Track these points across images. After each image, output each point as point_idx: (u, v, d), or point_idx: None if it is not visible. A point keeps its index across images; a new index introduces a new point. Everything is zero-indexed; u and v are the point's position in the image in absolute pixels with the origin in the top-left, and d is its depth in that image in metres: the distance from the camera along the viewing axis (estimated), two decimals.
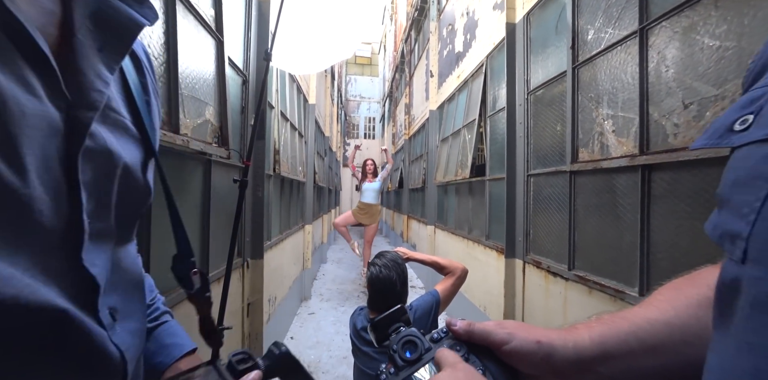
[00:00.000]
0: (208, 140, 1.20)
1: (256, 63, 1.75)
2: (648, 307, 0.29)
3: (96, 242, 0.23)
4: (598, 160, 1.30)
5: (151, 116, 0.31)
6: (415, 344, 0.29)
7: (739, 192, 0.18)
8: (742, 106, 0.21)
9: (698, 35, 0.95)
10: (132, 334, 0.26)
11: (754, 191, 0.17)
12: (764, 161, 0.17)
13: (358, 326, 1.10)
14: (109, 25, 0.24)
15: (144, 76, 0.32)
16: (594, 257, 1.34)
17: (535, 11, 1.82)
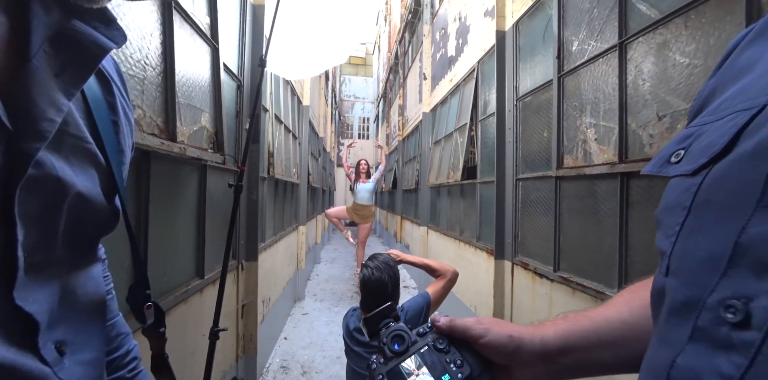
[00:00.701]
0: (204, 146, 1.22)
1: (250, 67, 1.77)
2: (608, 307, 0.34)
3: (36, 276, 0.22)
4: (581, 166, 1.36)
5: (119, 137, 0.31)
6: (403, 338, 0.33)
7: (666, 216, 0.23)
8: (678, 141, 0.24)
9: (670, 52, 1.01)
10: (85, 365, 0.25)
11: (675, 217, 0.21)
12: (684, 192, 0.21)
13: (351, 327, 1.14)
14: (70, 49, 0.23)
15: (113, 95, 0.31)
16: (577, 260, 1.40)
17: (524, 20, 1.88)
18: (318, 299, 3.67)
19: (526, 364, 0.31)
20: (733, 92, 0.22)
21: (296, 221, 3.56)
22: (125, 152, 0.32)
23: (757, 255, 0.15)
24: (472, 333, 0.32)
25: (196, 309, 1.21)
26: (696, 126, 0.23)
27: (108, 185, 0.28)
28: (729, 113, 0.20)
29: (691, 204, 0.20)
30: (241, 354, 1.71)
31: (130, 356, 0.37)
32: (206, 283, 1.28)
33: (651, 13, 1.09)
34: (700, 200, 0.19)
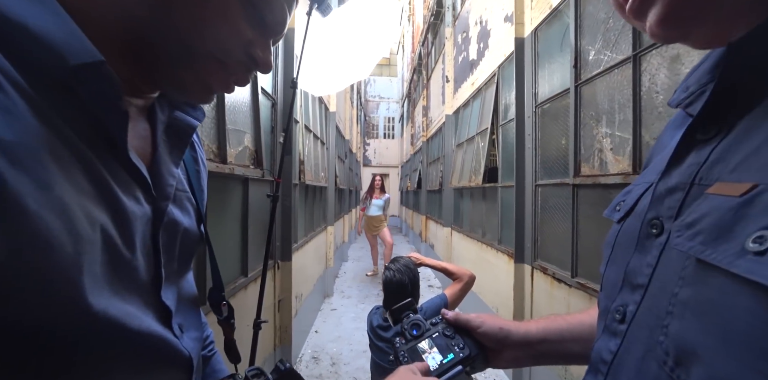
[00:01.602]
0: (246, 163, 1.42)
1: (283, 86, 1.96)
2: (584, 313, 0.45)
3: (168, 283, 0.31)
4: (596, 175, 1.39)
5: (200, 182, 0.41)
6: (419, 325, 0.46)
7: (604, 249, 0.34)
8: (622, 194, 0.34)
9: (683, 66, 1.02)
10: (193, 340, 0.34)
11: (607, 250, 0.32)
12: (613, 235, 0.32)
13: (374, 324, 1.27)
14: (175, 133, 0.33)
15: (195, 150, 0.41)
16: (594, 267, 1.43)
17: (542, 27, 1.89)
18: (345, 296, 3.87)
19: (512, 349, 0.44)
20: (651, 166, 0.32)
21: (325, 222, 3.77)
22: (204, 191, 0.42)
23: (631, 279, 0.26)
24: (472, 324, 0.44)
25: (242, 302, 1.41)
26: (632, 186, 0.34)
27: (197, 217, 0.38)
28: (641, 182, 0.31)
29: (614, 243, 0.31)
30: (278, 343, 1.91)
31: (209, 340, 0.48)
32: (249, 281, 1.48)
33: None
34: (618, 241, 0.30)
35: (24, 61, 0.20)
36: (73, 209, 0.21)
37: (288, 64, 2.00)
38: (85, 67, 0.22)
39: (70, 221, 0.21)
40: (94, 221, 0.22)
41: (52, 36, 0.21)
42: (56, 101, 0.22)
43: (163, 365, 0.30)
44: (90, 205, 0.22)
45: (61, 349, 0.22)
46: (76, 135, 0.22)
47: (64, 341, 0.22)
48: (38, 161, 0.19)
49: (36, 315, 0.20)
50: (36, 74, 0.21)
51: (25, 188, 0.18)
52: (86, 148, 0.23)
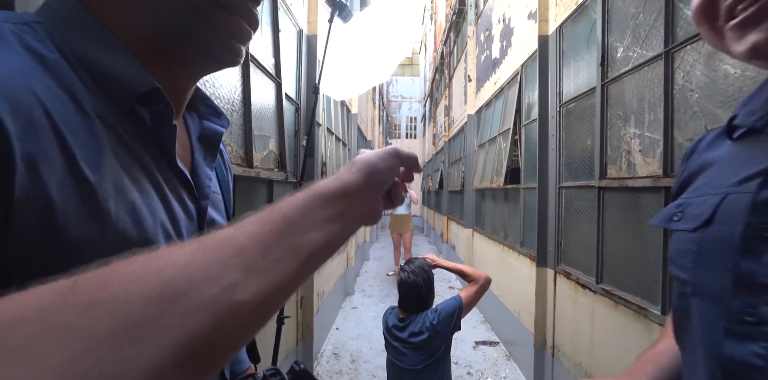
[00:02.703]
0: (271, 167, 1.49)
1: (306, 91, 2.04)
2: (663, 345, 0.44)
3: None
4: (624, 178, 1.33)
5: (228, 180, 0.45)
6: None
7: (679, 257, 0.34)
8: (675, 206, 0.37)
9: (721, 62, 0.96)
10: None
11: (687, 257, 0.32)
12: (689, 242, 0.32)
13: (389, 324, 1.30)
14: (206, 139, 0.37)
15: (222, 154, 0.45)
16: (620, 273, 1.37)
17: (568, 24, 1.83)
18: (366, 294, 3.93)
19: None
20: (704, 181, 0.35)
21: None
22: (230, 193, 0.46)
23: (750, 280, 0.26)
24: None
25: None
26: (684, 199, 0.36)
27: (227, 213, 0.41)
28: (705, 194, 0.33)
29: (696, 250, 0.31)
30: (300, 338, 1.99)
31: None
32: None
33: None
34: (704, 248, 0.31)
35: (104, 93, 0.26)
36: (141, 210, 0.26)
37: (311, 69, 2.07)
38: (146, 95, 0.27)
39: (139, 219, 0.25)
40: (156, 219, 0.27)
41: (123, 73, 0.26)
42: (125, 122, 0.27)
43: None
44: (154, 205, 0.27)
45: None
46: (141, 148, 0.28)
47: None
48: (115, 172, 0.24)
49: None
50: (112, 103, 0.26)
51: (108, 192, 0.23)
52: (149, 159, 0.28)
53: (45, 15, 0.26)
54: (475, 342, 2.69)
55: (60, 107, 0.22)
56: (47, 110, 0.21)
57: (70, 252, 0.22)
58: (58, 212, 0.21)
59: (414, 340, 1.20)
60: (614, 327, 1.36)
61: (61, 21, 0.26)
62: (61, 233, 0.21)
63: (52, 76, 0.23)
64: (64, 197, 0.21)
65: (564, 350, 1.76)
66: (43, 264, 0.21)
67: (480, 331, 2.91)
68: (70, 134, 0.22)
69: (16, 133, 0.20)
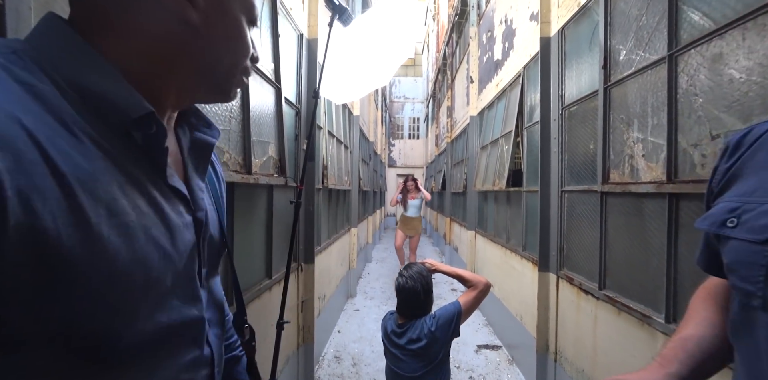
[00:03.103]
0: (270, 172, 1.49)
1: (306, 95, 2.04)
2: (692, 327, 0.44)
3: (203, 282, 0.37)
4: (627, 183, 1.31)
5: (220, 191, 0.46)
6: None
7: (744, 268, 0.33)
8: (727, 211, 0.36)
9: (726, 67, 0.94)
10: (216, 337, 0.38)
11: (755, 270, 0.32)
12: (756, 254, 0.32)
13: (388, 330, 1.29)
14: (197, 151, 0.38)
15: (214, 166, 0.46)
16: (623, 279, 1.35)
17: (570, 26, 1.81)
18: (368, 297, 3.92)
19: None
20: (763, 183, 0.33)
21: (348, 224, 3.85)
22: (223, 204, 0.47)
23: None
24: None
25: (267, 303, 1.49)
26: (737, 202, 0.35)
27: (219, 225, 0.42)
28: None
29: (766, 264, 0.31)
30: (301, 342, 1.99)
31: (239, 342, 0.54)
32: (273, 282, 1.56)
33: (705, 23, 1.02)
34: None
35: (99, 117, 0.27)
36: (134, 231, 0.27)
37: (311, 74, 2.07)
38: (140, 118, 0.28)
39: (131, 240, 0.26)
40: (149, 237, 0.28)
41: (117, 98, 0.28)
42: (119, 144, 0.28)
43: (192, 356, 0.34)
44: (148, 223, 0.28)
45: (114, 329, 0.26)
46: (136, 167, 0.29)
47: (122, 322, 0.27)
48: (109, 195, 0.25)
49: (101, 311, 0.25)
50: (106, 126, 0.27)
51: (101, 216, 0.24)
52: (144, 178, 0.29)
53: (35, 41, 0.27)
54: (478, 346, 2.67)
55: (52, 135, 0.23)
56: (37, 140, 0.22)
57: (61, 277, 0.22)
58: (51, 242, 0.22)
59: (412, 347, 1.19)
60: (617, 334, 1.34)
61: (52, 46, 0.27)
62: (53, 261, 0.22)
63: (42, 105, 0.23)
64: (58, 227, 0.22)
65: (566, 355, 1.74)
66: (33, 291, 0.22)
67: (482, 335, 2.89)
68: (63, 161, 0.23)
69: (6, 168, 0.20)
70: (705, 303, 0.46)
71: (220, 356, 0.40)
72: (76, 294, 0.23)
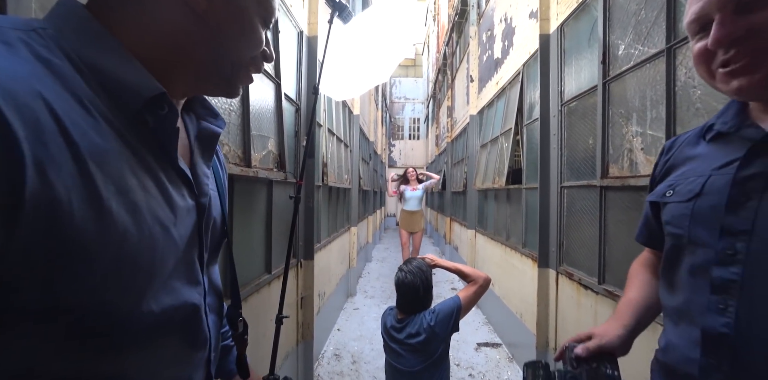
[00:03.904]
0: (270, 167, 1.50)
1: (307, 92, 2.04)
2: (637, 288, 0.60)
3: (204, 267, 0.37)
4: (626, 177, 1.31)
5: (224, 184, 0.47)
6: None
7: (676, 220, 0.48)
8: (666, 186, 0.51)
9: None
10: (213, 323, 0.39)
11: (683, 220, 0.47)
12: (684, 209, 0.47)
13: (388, 325, 1.28)
14: (204, 139, 0.39)
15: (218, 156, 0.47)
16: (622, 273, 1.34)
17: (569, 22, 1.81)
18: (368, 295, 3.92)
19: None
20: (688, 168, 0.49)
21: (348, 223, 3.85)
22: (225, 192, 0.48)
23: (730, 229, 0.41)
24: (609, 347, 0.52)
25: (266, 298, 1.49)
26: (673, 181, 0.51)
27: (222, 213, 0.43)
28: (691, 177, 0.48)
29: (690, 214, 0.45)
30: (300, 339, 1.99)
31: (230, 333, 0.53)
32: (272, 278, 1.56)
33: None
34: (695, 212, 0.45)
35: (112, 98, 0.27)
36: (141, 209, 0.27)
37: (311, 71, 2.08)
38: (152, 99, 0.29)
39: (138, 218, 0.27)
40: (154, 217, 0.29)
41: (131, 79, 0.28)
42: (132, 125, 0.29)
43: (190, 340, 0.35)
44: (154, 204, 0.29)
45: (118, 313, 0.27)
46: (146, 150, 0.29)
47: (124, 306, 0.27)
48: (119, 173, 0.26)
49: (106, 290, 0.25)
50: (120, 107, 0.28)
51: (111, 192, 0.25)
52: (152, 159, 0.30)
53: (53, 21, 0.28)
54: (478, 344, 2.66)
55: (68, 110, 0.23)
56: (56, 113, 0.22)
57: (72, 251, 0.23)
58: (64, 214, 0.22)
59: (411, 342, 1.19)
60: None
61: (69, 28, 0.27)
62: (65, 233, 0.22)
63: (60, 81, 0.24)
64: (70, 199, 0.22)
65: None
66: (46, 264, 0.22)
67: (482, 333, 2.88)
68: (77, 135, 0.23)
69: (26, 137, 0.20)
70: (639, 271, 0.62)
71: (217, 341, 0.41)
72: (87, 271, 0.24)
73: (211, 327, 0.37)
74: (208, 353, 0.37)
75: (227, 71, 0.35)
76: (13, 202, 0.20)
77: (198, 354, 0.36)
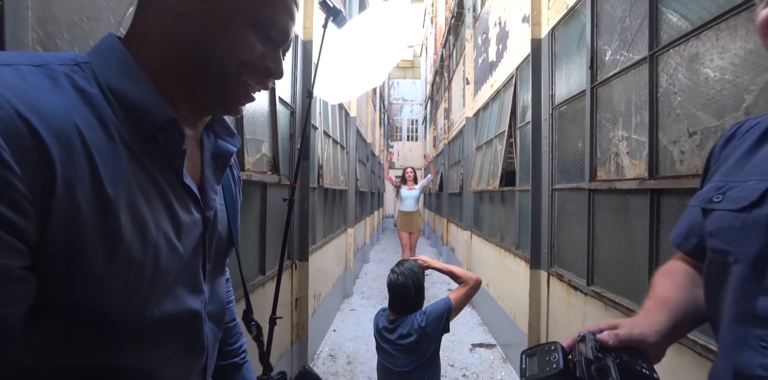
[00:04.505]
0: (264, 170, 1.52)
1: (302, 96, 2.07)
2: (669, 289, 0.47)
3: (207, 277, 0.39)
4: (612, 180, 1.34)
5: (234, 194, 0.48)
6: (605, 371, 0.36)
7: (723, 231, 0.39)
8: (714, 189, 0.42)
9: (701, 66, 0.97)
10: (212, 332, 0.40)
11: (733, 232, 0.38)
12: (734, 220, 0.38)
13: (380, 325, 1.30)
14: (218, 157, 0.41)
15: (233, 172, 0.49)
16: (610, 275, 1.37)
17: (560, 27, 1.84)
18: (365, 297, 3.93)
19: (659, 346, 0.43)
20: (748, 168, 0.39)
21: (345, 224, 3.87)
22: (237, 207, 0.49)
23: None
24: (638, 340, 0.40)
25: (260, 299, 1.51)
26: (723, 182, 0.42)
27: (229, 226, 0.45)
28: (750, 181, 0.38)
29: (740, 226, 0.37)
30: (295, 339, 2.01)
31: (242, 348, 0.56)
32: (267, 279, 1.58)
33: (682, 24, 1.05)
34: (747, 225, 0.36)
35: (130, 120, 0.31)
36: (147, 222, 0.31)
37: (306, 74, 2.10)
38: (164, 124, 0.32)
39: (144, 230, 0.30)
40: (159, 229, 0.32)
41: (148, 104, 0.32)
42: (145, 146, 0.32)
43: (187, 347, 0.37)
44: (160, 218, 0.32)
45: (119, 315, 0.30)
46: (156, 168, 0.33)
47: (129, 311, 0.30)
48: (130, 189, 0.30)
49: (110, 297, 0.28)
50: (136, 129, 0.31)
51: (121, 206, 0.29)
52: (160, 177, 0.33)
53: (95, 55, 0.32)
54: (472, 345, 2.68)
55: (93, 135, 0.28)
56: (84, 139, 0.27)
57: (85, 257, 0.27)
58: (82, 224, 0.26)
59: (403, 342, 1.21)
60: None
61: (107, 62, 0.32)
62: (81, 241, 0.26)
63: (90, 109, 0.28)
64: (89, 211, 0.26)
65: None
66: (64, 270, 0.26)
67: (477, 334, 2.90)
68: (99, 157, 0.28)
69: (60, 159, 0.25)
70: (668, 277, 0.50)
71: (214, 349, 0.42)
72: (96, 276, 0.27)
73: (209, 336, 0.39)
74: (204, 360, 0.39)
75: (217, 77, 0.35)
76: (46, 208, 0.24)
77: (195, 360, 0.38)
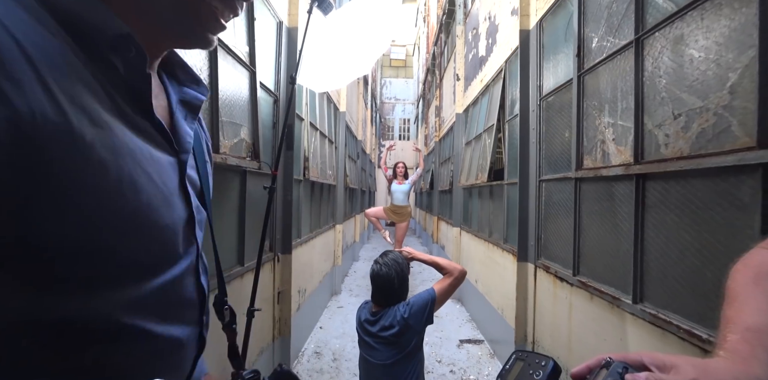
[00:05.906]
0: (243, 155, 1.46)
1: (285, 84, 2.01)
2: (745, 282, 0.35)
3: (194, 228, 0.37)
4: (598, 168, 1.32)
5: (207, 146, 0.46)
6: None
7: None
8: None
9: (686, 47, 0.96)
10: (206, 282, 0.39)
11: None
12: None
13: (362, 318, 1.25)
14: (187, 104, 0.39)
15: (203, 132, 0.47)
16: (595, 264, 1.36)
17: (547, 17, 1.83)
18: (354, 294, 3.88)
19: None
20: None
21: (333, 220, 3.81)
22: (208, 163, 0.46)
23: None
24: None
25: (238, 291, 1.44)
26: None
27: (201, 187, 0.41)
28: None
29: None
30: (277, 335, 1.94)
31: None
32: (246, 270, 1.52)
33: (668, 5, 1.04)
34: None
35: (80, 37, 0.27)
36: (121, 151, 0.27)
37: (291, 62, 2.05)
38: (117, 38, 0.28)
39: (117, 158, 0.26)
40: (135, 161, 0.28)
41: (96, 18, 0.27)
42: (100, 71, 0.28)
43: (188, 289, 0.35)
44: (134, 147, 0.28)
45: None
46: (119, 96, 0.28)
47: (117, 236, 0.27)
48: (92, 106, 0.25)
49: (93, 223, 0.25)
50: (85, 51, 0.27)
51: (83, 123, 0.24)
52: (127, 107, 0.29)
53: None
54: (460, 341, 2.65)
55: (39, 40, 0.23)
56: (20, 44, 0.22)
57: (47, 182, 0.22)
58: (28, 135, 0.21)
59: (384, 334, 1.17)
60: (590, 319, 1.34)
61: None
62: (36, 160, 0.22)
63: (31, 17, 0.24)
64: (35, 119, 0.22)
65: (543, 345, 1.74)
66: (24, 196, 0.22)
67: (465, 330, 2.88)
68: (47, 67, 0.23)
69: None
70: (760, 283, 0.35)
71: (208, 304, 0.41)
72: (65, 206, 0.23)
73: (204, 287, 0.38)
74: (200, 311, 0.37)
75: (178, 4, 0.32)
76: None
77: (191, 310, 0.36)
